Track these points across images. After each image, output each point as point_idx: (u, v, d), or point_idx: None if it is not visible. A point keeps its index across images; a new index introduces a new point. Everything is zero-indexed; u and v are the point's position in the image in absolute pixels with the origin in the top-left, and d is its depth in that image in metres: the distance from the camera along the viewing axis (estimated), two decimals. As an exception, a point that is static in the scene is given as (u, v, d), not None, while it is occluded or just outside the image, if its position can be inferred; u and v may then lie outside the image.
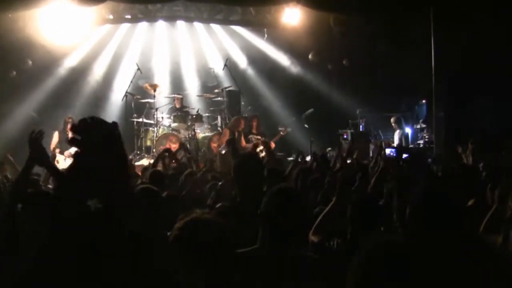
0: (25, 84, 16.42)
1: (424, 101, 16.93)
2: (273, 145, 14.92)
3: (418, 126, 16.70)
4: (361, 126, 17.37)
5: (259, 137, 15.36)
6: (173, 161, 9.77)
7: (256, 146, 13.33)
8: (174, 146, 14.89)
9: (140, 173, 10.21)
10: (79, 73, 17.90)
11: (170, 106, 16.88)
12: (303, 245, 4.15)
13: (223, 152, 13.46)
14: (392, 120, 16.23)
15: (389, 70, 16.76)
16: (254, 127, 15.76)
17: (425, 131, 16.16)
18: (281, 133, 16.08)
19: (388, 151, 13.28)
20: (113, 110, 18.02)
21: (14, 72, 16.22)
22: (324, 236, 4.34)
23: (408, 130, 16.81)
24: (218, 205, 5.22)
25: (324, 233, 4.37)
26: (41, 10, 14.48)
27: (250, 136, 15.45)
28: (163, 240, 3.07)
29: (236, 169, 4.86)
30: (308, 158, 12.75)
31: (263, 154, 11.22)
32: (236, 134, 15.03)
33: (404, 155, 11.91)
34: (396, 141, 16.14)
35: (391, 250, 1.96)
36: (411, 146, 15.71)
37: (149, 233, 3.95)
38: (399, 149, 13.74)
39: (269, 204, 3.49)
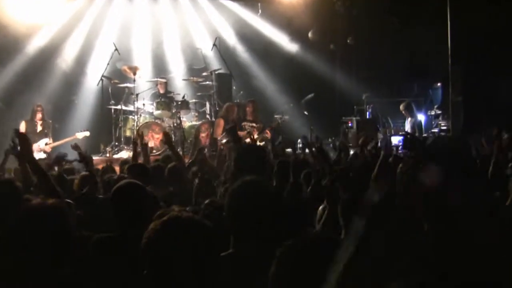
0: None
1: (439, 84, 17.02)
2: (269, 133, 15.02)
3: (433, 113, 16.69)
4: (367, 113, 17.40)
5: (254, 124, 15.34)
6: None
7: (250, 134, 13.30)
8: (157, 137, 15.11)
9: (118, 167, 10.12)
10: (49, 54, 17.71)
11: (153, 92, 16.83)
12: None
13: (224, 141, 13.57)
14: (401, 106, 15.95)
15: (399, 50, 16.85)
16: (249, 113, 15.59)
17: (440, 118, 16.21)
18: (278, 121, 16.01)
19: (395, 140, 13.25)
20: (87, 96, 17.98)
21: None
22: None
23: (421, 118, 16.65)
24: (207, 201, 5.22)
25: None
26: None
27: (244, 123, 15.33)
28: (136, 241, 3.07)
29: (237, 162, 4.99)
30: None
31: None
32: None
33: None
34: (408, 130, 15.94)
35: None
36: (425, 135, 15.60)
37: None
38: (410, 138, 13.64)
39: (230, 205, 3.52)
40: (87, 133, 14.86)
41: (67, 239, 3.50)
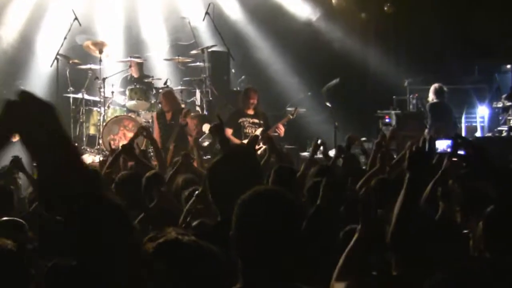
0: None
1: (508, 66, 16.99)
2: (282, 129, 14.87)
3: (500, 105, 16.55)
4: (411, 105, 17.45)
5: (256, 120, 15.18)
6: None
7: (253, 141, 12.91)
8: (129, 136, 14.67)
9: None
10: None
11: (125, 75, 16.90)
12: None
13: (205, 144, 13.84)
14: (433, 89, 15.69)
15: (454, 21, 17.05)
16: (251, 106, 15.30)
17: (510, 112, 15.99)
18: (290, 115, 15.71)
19: (441, 144, 12.73)
20: (37, 81, 17.94)
21: None
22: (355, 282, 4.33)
23: (484, 111, 16.59)
24: (195, 223, 5.45)
25: (354, 278, 4.33)
26: None
27: (242, 120, 15.14)
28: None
29: (212, 173, 4.85)
30: (332, 153, 12.67)
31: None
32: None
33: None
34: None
35: None
36: (488, 135, 15.69)
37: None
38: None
39: (241, 221, 3.42)
40: None
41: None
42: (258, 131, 14.69)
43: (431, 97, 15.69)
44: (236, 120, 15.04)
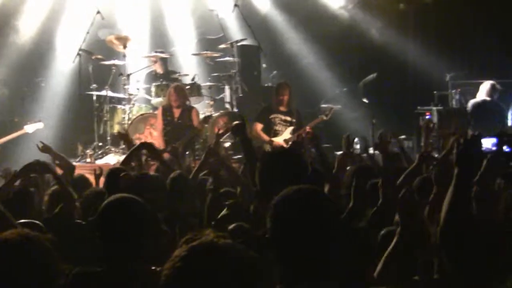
0: None
1: None
2: (311, 132, 14.24)
3: None
4: (454, 101, 17.23)
5: (288, 118, 15.16)
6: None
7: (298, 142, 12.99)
8: (156, 135, 15.20)
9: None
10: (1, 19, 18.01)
11: (149, 71, 17.09)
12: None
13: (227, 145, 14.22)
14: (486, 86, 15.68)
15: (501, 11, 16.94)
16: (283, 102, 15.29)
17: None
18: (324, 116, 15.70)
19: (486, 143, 12.67)
20: (58, 78, 18.14)
21: None
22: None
23: None
24: (232, 226, 5.36)
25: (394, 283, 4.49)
26: None
27: (273, 116, 15.18)
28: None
29: (261, 171, 5.04)
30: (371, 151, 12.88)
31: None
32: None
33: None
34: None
35: None
36: None
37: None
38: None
39: (277, 222, 3.49)
40: (40, 125, 14.80)
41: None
42: (289, 130, 14.91)
43: (480, 94, 15.61)
44: (267, 115, 15.09)
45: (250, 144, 7.23)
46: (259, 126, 15.02)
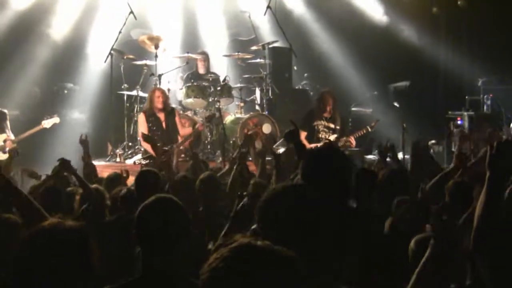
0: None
1: None
2: (353, 142, 14.91)
3: None
4: (485, 106, 17.27)
5: (331, 125, 15.08)
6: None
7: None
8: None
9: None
10: (34, 21, 18.08)
11: (189, 72, 17.07)
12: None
13: (280, 151, 13.40)
14: None
15: None
16: (327, 108, 15.12)
17: None
18: (369, 128, 15.53)
19: None
20: (89, 78, 18.31)
21: None
22: None
23: None
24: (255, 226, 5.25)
25: None
26: None
27: (317, 122, 14.99)
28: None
29: (307, 168, 5.05)
30: (400, 155, 13.42)
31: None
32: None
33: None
34: None
35: None
36: None
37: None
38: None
39: (263, 216, 3.72)
40: (56, 120, 14.87)
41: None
42: (332, 137, 14.77)
43: None
44: (311, 122, 14.91)
45: (304, 150, 7.25)
46: (303, 134, 14.36)
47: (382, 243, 5.32)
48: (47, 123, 14.61)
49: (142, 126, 14.69)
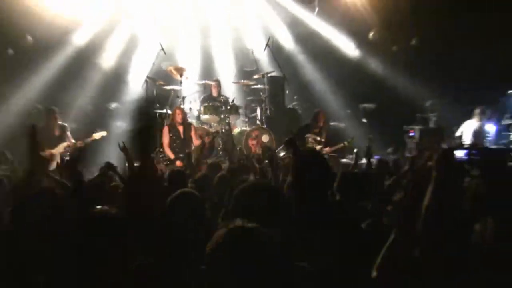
0: (25, 65, 17.13)
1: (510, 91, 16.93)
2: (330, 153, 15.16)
3: (504, 123, 16.62)
4: (432, 122, 17.42)
5: (318, 138, 15.45)
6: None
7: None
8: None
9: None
10: (89, 53, 18.39)
11: (205, 95, 17.10)
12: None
13: (281, 155, 13.72)
14: (477, 111, 16.16)
15: (469, 53, 16.83)
16: (318, 125, 15.58)
17: (510, 129, 16.22)
18: (346, 143, 15.75)
19: (459, 153, 13.46)
20: (130, 98, 18.56)
21: (11, 51, 17.02)
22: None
23: (491, 128, 16.46)
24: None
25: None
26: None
27: (308, 136, 15.39)
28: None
29: (298, 168, 5.10)
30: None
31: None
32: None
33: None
34: (467, 134, 16.28)
35: None
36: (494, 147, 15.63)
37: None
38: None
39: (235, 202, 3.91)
40: (104, 133, 14.87)
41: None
42: (318, 147, 14.98)
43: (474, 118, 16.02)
44: (303, 134, 15.16)
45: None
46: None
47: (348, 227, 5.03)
48: (97, 135, 14.67)
49: (165, 137, 14.69)
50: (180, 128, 14.81)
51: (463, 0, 16.35)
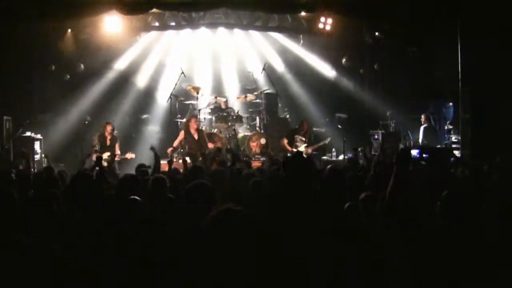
0: (78, 86, 17.29)
1: (451, 104, 17.07)
2: (309, 151, 15.35)
3: (445, 128, 16.86)
4: (391, 127, 17.46)
5: (303, 138, 15.65)
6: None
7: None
8: (214, 144, 15.23)
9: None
10: (127, 76, 18.53)
11: (214, 106, 17.05)
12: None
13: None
14: (423, 116, 16.34)
15: (418, 74, 17.05)
16: (303, 129, 15.85)
17: (451, 133, 16.34)
18: (326, 142, 16.25)
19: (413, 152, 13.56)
20: (158, 111, 18.65)
21: (68, 76, 17.15)
22: None
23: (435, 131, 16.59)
24: None
25: None
26: (92, 19, 15.50)
27: (296, 136, 15.61)
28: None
29: (288, 165, 5.10)
30: (341, 157, 14.12)
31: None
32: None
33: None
34: (421, 136, 16.32)
35: None
36: (439, 146, 15.79)
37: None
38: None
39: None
40: (133, 155, 14.57)
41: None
42: (303, 145, 15.33)
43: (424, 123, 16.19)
44: (293, 136, 15.49)
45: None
46: (285, 141, 15.43)
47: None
48: (128, 155, 14.44)
49: (178, 139, 14.75)
50: (194, 133, 14.70)
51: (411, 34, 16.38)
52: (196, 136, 14.69)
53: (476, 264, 3.55)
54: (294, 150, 14.84)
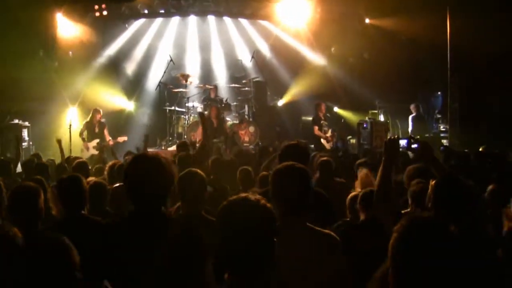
0: (67, 72, 17.01)
1: (439, 93, 17.25)
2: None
3: (434, 117, 16.98)
4: (380, 116, 17.51)
5: (326, 122, 15.71)
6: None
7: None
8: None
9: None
10: (116, 64, 18.54)
11: (205, 96, 17.12)
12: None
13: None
14: (412, 106, 16.43)
15: (406, 64, 17.06)
16: (323, 113, 15.84)
17: (440, 121, 16.51)
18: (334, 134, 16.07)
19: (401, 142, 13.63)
20: (147, 98, 18.68)
21: (57, 63, 16.97)
22: None
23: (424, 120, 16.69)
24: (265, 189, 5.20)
25: None
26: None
27: (322, 122, 15.62)
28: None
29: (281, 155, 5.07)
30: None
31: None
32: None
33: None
34: (410, 126, 16.42)
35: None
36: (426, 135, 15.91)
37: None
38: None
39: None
40: (125, 138, 14.71)
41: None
42: (329, 131, 15.49)
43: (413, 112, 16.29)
44: (319, 121, 15.46)
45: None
46: (316, 128, 15.39)
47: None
48: (120, 139, 14.44)
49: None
50: (214, 120, 15.14)
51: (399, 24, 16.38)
52: (215, 123, 15.03)
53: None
54: (326, 135, 15.38)
